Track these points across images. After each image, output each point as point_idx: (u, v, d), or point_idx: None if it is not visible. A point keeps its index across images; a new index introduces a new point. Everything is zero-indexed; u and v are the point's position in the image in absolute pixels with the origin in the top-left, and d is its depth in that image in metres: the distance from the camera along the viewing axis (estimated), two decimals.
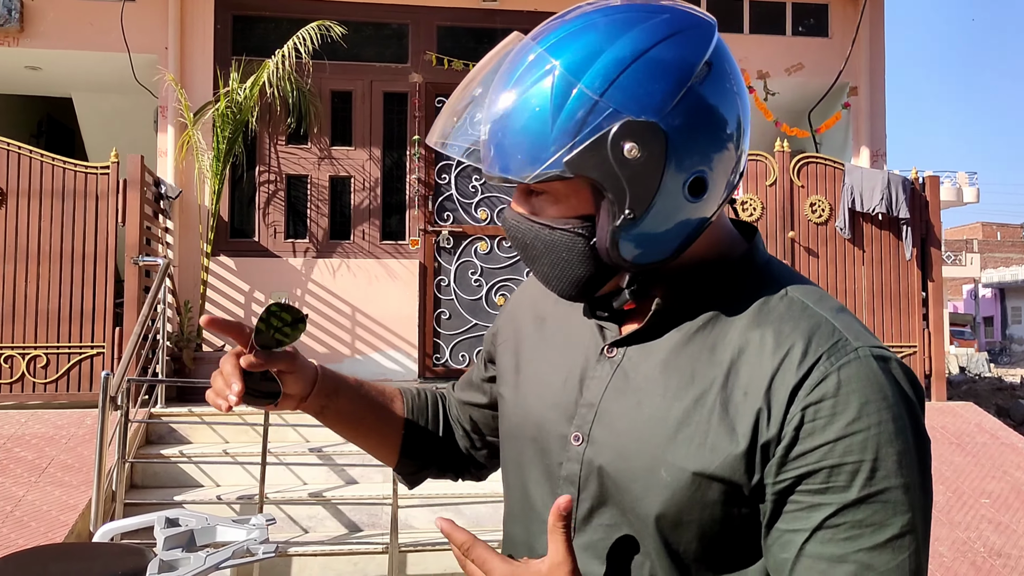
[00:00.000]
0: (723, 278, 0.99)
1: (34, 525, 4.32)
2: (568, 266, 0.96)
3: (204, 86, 7.15)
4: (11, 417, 5.45)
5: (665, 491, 0.91)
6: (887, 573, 0.85)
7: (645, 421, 0.95)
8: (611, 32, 0.89)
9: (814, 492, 0.87)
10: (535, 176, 0.91)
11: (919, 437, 0.89)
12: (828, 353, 0.89)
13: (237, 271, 7.14)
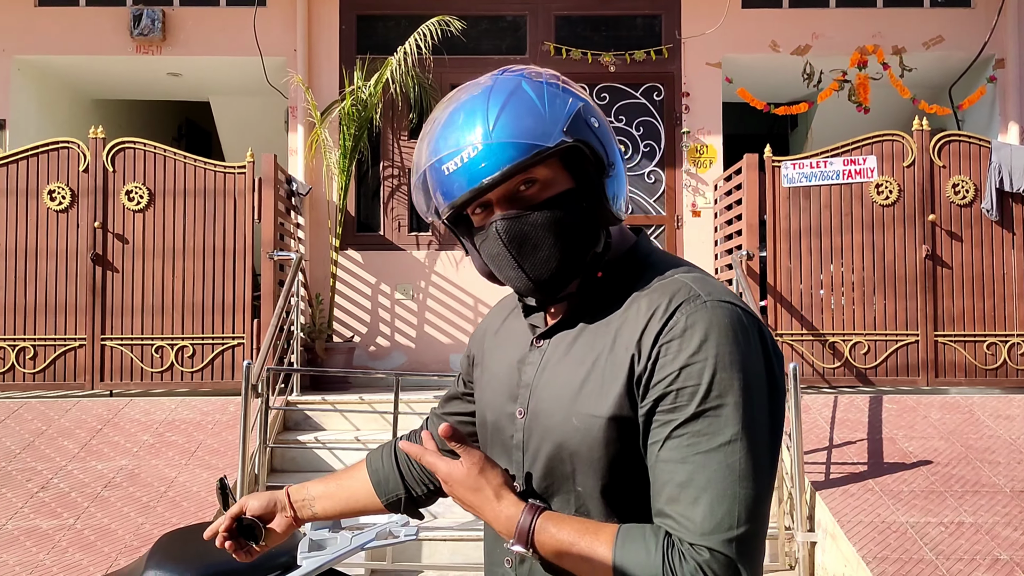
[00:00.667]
0: (618, 272, 1.24)
1: (185, 504, 4.59)
2: (569, 234, 1.19)
3: (330, 85, 7.39)
4: (162, 404, 5.79)
5: (576, 435, 1.16)
6: (718, 470, 1.06)
7: (560, 387, 1.21)
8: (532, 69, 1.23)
9: (665, 411, 1.10)
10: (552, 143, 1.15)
11: (753, 366, 1.10)
12: (683, 304, 1.14)
13: (364, 264, 7.35)
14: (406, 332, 7.31)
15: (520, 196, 1.18)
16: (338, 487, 1.55)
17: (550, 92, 1.19)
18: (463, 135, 1.17)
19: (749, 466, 1.07)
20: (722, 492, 1.06)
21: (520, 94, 1.18)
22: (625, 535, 1.10)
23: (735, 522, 1.05)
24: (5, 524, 4.43)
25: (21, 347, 6.20)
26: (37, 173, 6.30)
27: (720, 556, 1.05)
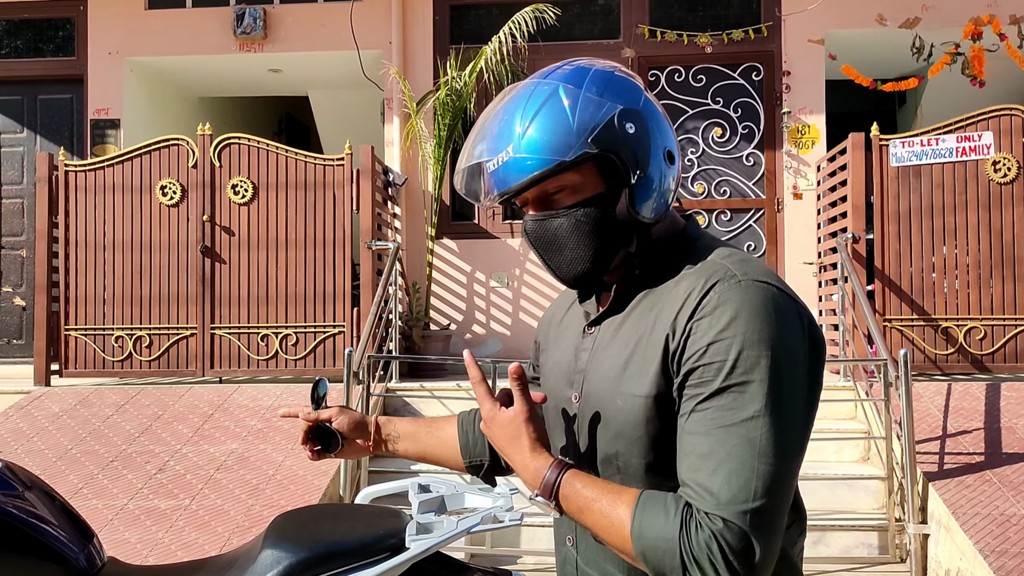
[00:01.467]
0: (666, 255, 1.28)
1: (292, 488, 4.73)
2: (593, 238, 1.25)
3: (425, 76, 7.47)
4: (268, 390, 5.99)
5: (620, 415, 1.21)
6: (739, 444, 1.09)
7: (606, 370, 1.26)
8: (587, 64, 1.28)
9: (693, 385, 1.14)
10: (572, 154, 1.20)
11: (784, 346, 1.12)
12: (717, 284, 1.17)
13: (459, 253, 7.42)
14: (501, 320, 7.36)
15: (550, 199, 1.26)
16: (426, 432, 1.63)
17: (584, 100, 1.23)
18: (499, 139, 1.25)
19: (771, 443, 1.09)
20: (740, 465, 1.09)
21: (553, 104, 1.23)
22: (646, 499, 1.14)
23: (751, 496, 1.08)
24: (127, 504, 4.66)
25: (138, 336, 6.50)
26: (150, 169, 6.58)
27: (734, 527, 1.07)
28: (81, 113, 7.91)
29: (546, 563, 4.60)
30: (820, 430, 5.03)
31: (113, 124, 7.80)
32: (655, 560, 1.11)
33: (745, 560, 1.08)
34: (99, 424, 5.61)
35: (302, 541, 1.89)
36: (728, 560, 1.07)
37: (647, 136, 1.25)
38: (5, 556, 1.78)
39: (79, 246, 6.57)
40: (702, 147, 7.35)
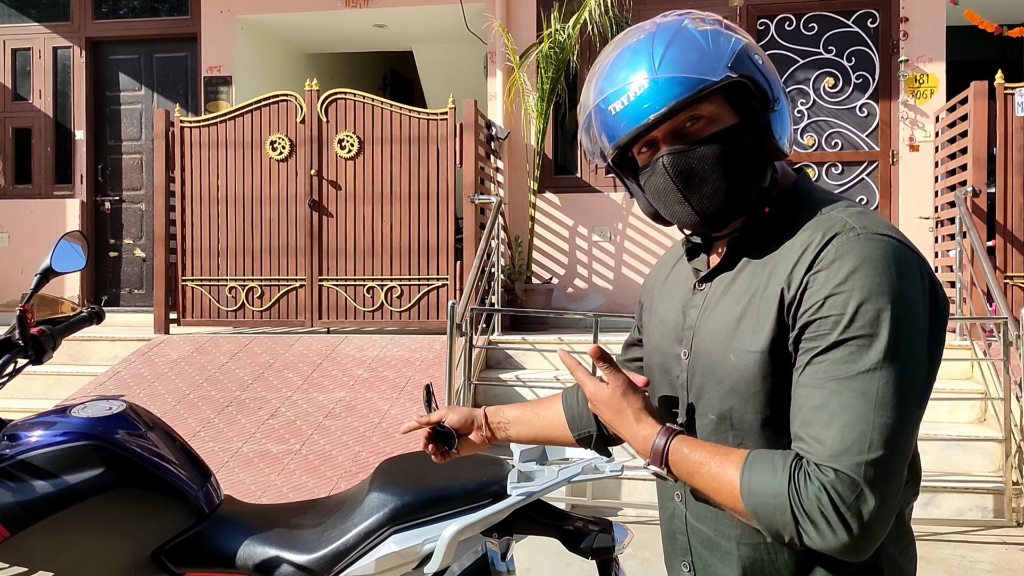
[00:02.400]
0: (778, 210, 1.25)
1: (397, 436, 4.86)
2: (734, 167, 1.21)
3: (528, 29, 7.39)
4: (374, 341, 6.14)
5: (734, 371, 1.19)
6: (853, 396, 1.07)
7: (718, 325, 1.23)
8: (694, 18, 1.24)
9: (809, 339, 1.12)
10: (717, 78, 1.17)
11: (905, 299, 1.09)
12: (835, 237, 1.14)
13: (562, 207, 7.38)
14: (604, 274, 7.31)
15: (686, 132, 1.21)
16: (534, 415, 1.64)
17: (713, 32, 1.21)
18: (629, 74, 1.20)
19: (889, 395, 1.06)
20: (856, 417, 1.06)
21: (684, 33, 1.21)
22: (755, 457, 1.13)
23: (866, 447, 1.05)
24: (241, 447, 4.87)
25: (250, 287, 6.74)
26: (260, 125, 6.75)
27: (845, 477, 1.05)
28: (195, 70, 8.17)
29: (647, 516, 4.60)
30: (935, 389, 4.83)
31: (225, 81, 8.03)
32: (766, 517, 1.10)
33: (859, 513, 1.05)
34: (215, 371, 5.86)
35: (407, 486, 1.93)
36: (840, 512, 1.05)
37: (771, 70, 1.24)
38: (130, 492, 1.89)
39: (194, 200, 6.82)
40: (813, 98, 7.06)
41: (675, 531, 1.35)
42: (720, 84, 1.18)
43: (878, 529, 1.07)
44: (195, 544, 1.91)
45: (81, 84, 8.25)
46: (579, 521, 2.00)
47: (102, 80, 8.35)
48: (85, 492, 1.81)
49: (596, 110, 1.24)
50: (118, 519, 1.86)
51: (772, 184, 1.25)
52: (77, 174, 8.26)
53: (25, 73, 8.38)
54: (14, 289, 7.91)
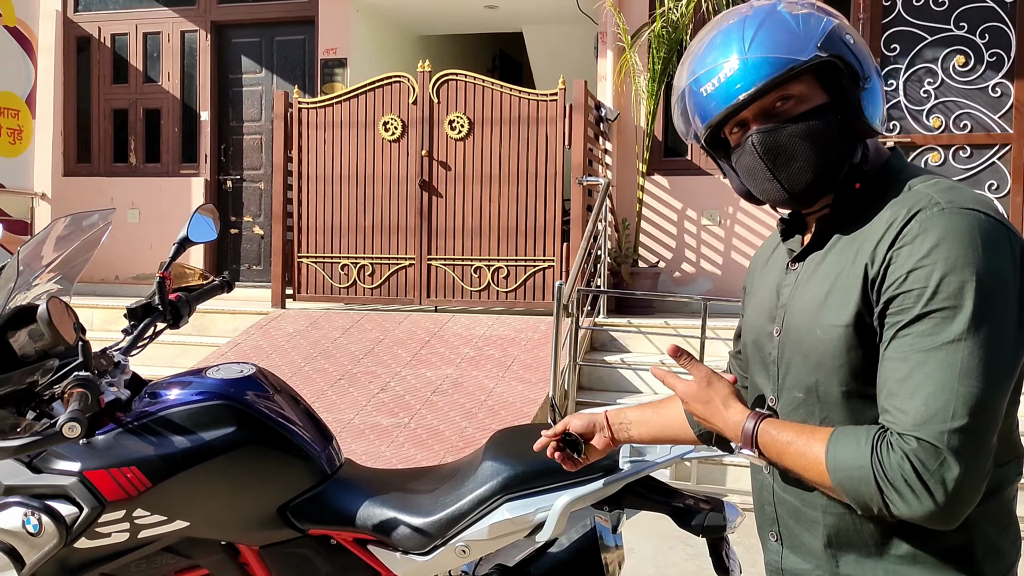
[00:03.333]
0: (870, 188, 1.27)
1: (503, 413, 4.92)
2: (823, 146, 1.24)
3: (640, 9, 7.30)
4: (480, 320, 6.22)
5: (820, 345, 1.22)
6: (938, 367, 1.08)
7: (807, 302, 1.27)
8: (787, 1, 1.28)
9: (894, 313, 1.13)
10: (806, 58, 1.21)
11: (992, 271, 1.09)
12: (920, 212, 1.15)
13: (670, 189, 7.29)
14: (712, 258, 7.19)
15: (776, 111, 1.25)
16: (655, 414, 1.66)
17: (804, 13, 1.25)
18: (720, 56, 1.25)
19: (974, 365, 1.07)
20: (940, 387, 1.08)
21: (775, 15, 1.25)
22: (839, 432, 1.16)
23: (950, 416, 1.06)
24: (352, 419, 5.02)
25: (361, 265, 6.92)
26: (373, 106, 6.90)
27: (928, 445, 1.07)
28: (312, 53, 8.40)
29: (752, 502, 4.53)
30: None
31: (341, 63, 8.23)
32: (853, 490, 1.12)
33: (943, 480, 1.06)
34: (328, 345, 6.05)
35: (520, 456, 1.96)
36: (923, 479, 1.06)
37: (862, 48, 1.27)
38: (259, 450, 1.98)
39: (310, 179, 7.04)
40: (941, 77, 6.73)
41: (763, 502, 1.38)
42: (809, 63, 1.22)
43: (965, 497, 1.07)
44: (318, 502, 2.00)
45: (206, 67, 8.61)
46: (690, 499, 1.99)
47: (225, 63, 8.69)
48: (218, 448, 1.91)
49: (688, 91, 1.30)
50: (247, 475, 1.95)
51: (863, 161, 1.27)
52: (202, 154, 8.63)
53: (155, 57, 8.79)
54: (143, 263, 8.35)
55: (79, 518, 1.83)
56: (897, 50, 6.78)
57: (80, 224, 2.04)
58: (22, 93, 8.56)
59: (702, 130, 1.30)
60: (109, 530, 1.87)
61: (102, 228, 2.02)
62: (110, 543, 1.88)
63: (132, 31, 8.80)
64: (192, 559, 2.00)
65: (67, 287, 1.98)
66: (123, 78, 8.87)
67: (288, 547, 2.01)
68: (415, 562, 1.96)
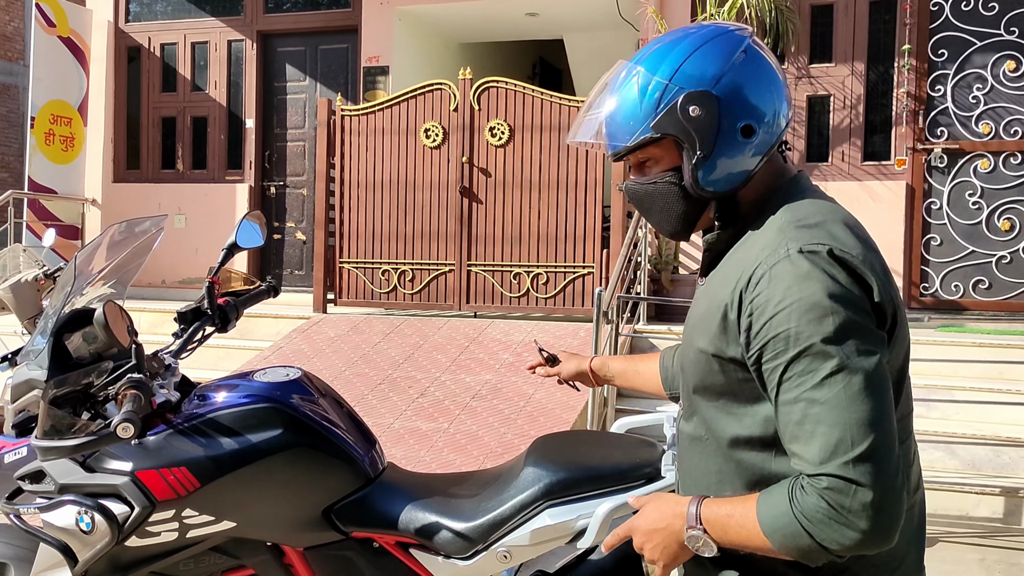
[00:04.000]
0: (759, 214, 1.37)
1: (542, 419, 4.93)
2: (670, 205, 1.41)
3: (682, 14, 7.28)
4: (519, 326, 6.23)
5: (693, 366, 1.38)
6: (827, 402, 1.16)
7: (690, 321, 1.43)
8: (675, 40, 1.41)
9: (770, 359, 1.22)
10: (635, 139, 1.38)
11: (838, 303, 1.19)
12: (767, 259, 1.25)
13: None
14: None
15: (643, 166, 1.44)
16: (634, 372, 1.94)
17: (655, 86, 1.37)
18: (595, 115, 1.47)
19: (856, 391, 1.15)
20: (832, 423, 1.15)
21: (628, 88, 1.40)
22: (763, 495, 1.22)
23: (850, 445, 1.13)
24: (392, 423, 5.06)
25: (402, 270, 6.98)
26: (415, 113, 6.96)
27: (836, 480, 1.13)
28: (355, 61, 8.50)
29: None
30: None
31: (383, 71, 8.32)
32: (793, 546, 1.17)
33: (862, 508, 1.12)
34: (368, 350, 6.11)
35: (561, 462, 1.97)
36: (843, 514, 1.13)
37: (714, 117, 1.35)
38: (304, 453, 2.01)
39: (352, 185, 7.12)
40: (990, 82, 6.61)
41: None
42: (634, 145, 1.40)
43: (890, 513, 1.13)
44: (361, 506, 2.02)
45: (252, 75, 8.75)
46: None
47: (271, 71, 8.83)
48: (265, 451, 1.94)
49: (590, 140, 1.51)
50: (293, 478, 1.98)
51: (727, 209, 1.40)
52: (246, 160, 8.77)
53: (202, 65, 8.96)
54: (189, 268, 8.51)
55: (130, 517, 1.87)
56: (945, 55, 6.68)
57: (133, 230, 2.09)
58: (75, 102, 8.78)
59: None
60: (159, 529, 1.91)
61: (154, 234, 2.07)
62: (159, 542, 1.92)
63: (181, 41, 8.98)
64: (238, 559, 2.03)
65: (120, 291, 2.04)
66: (171, 87, 9.05)
67: (332, 549, 2.03)
68: (457, 566, 1.98)
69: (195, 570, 2.00)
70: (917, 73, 6.69)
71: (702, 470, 1.38)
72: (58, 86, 8.61)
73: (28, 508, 1.98)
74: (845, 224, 1.30)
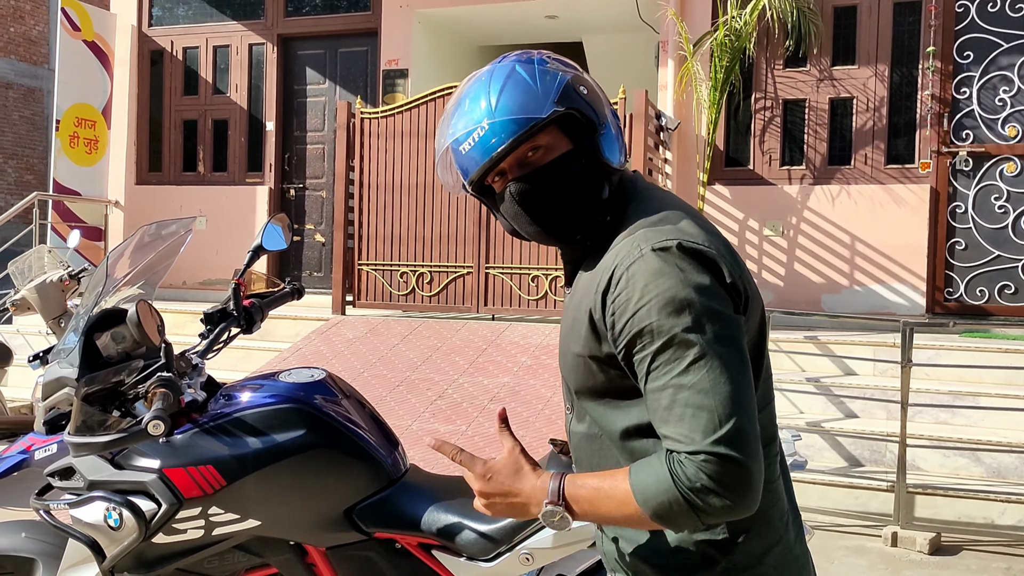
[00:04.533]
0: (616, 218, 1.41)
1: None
2: (573, 187, 1.40)
3: (702, 17, 7.26)
4: (537, 329, 6.23)
5: (572, 369, 1.43)
6: (692, 386, 1.24)
7: (563, 327, 1.47)
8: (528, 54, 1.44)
9: (637, 353, 1.29)
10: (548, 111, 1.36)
11: (693, 293, 1.26)
12: (623, 261, 1.31)
13: (732, 199, 7.22)
14: (774, 270, 7.10)
15: (528, 161, 1.39)
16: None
17: (540, 70, 1.40)
18: (471, 117, 1.39)
19: (717, 374, 1.24)
20: (699, 406, 1.23)
21: (515, 76, 1.39)
22: (636, 466, 1.28)
23: (717, 424, 1.22)
24: (410, 425, 5.07)
25: (420, 272, 7.00)
26: (434, 116, 6.97)
27: (711, 456, 1.21)
28: (374, 64, 8.53)
29: (814, 520, 4.45)
30: None
31: (402, 74, 8.34)
32: (665, 512, 1.24)
33: (737, 480, 1.22)
34: (386, 351, 6.13)
35: None
36: (721, 485, 1.21)
37: (597, 96, 1.42)
38: (327, 453, 2.02)
39: (370, 188, 7.14)
40: (1017, 84, 6.54)
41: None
42: (548, 119, 1.37)
43: (757, 482, 1.23)
44: (384, 506, 2.03)
45: (272, 78, 8.80)
46: None
47: (291, 74, 8.87)
48: (289, 450, 1.96)
49: (450, 148, 1.42)
50: (316, 478, 2.00)
51: (611, 196, 1.42)
52: (266, 163, 8.82)
53: (223, 69, 9.02)
54: (210, 269, 8.56)
55: (158, 514, 1.89)
56: (971, 57, 6.63)
57: (161, 232, 2.11)
58: (99, 105, 8.87)
59: (467, 184, 1.44)
60: (185, 526, 1.92)
61: (182, 236, 2.09)
62: (186, 539, 1.94)
63: (203, 44, 9.04)
64: (262, 557, 2.04)
65: (149, 292, 2.05)
66: (193, 90, 9.12)
67: (354, 549, 2.04)
68: (479, 568, 1.98)
69: (220, 568, 2.02)
70: (942, 75, 6.64)
71: (601, 465, 1.42)
72: (83, 89, 8.69)
73: (58, 504, 2.00)
74: (688, 215, 1.38)
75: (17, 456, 2.27)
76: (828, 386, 5.23)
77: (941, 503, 4.43)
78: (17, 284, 4.44)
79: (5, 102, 13.82)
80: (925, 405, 4.87)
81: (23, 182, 13.98)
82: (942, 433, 4.76)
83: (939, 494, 4.44)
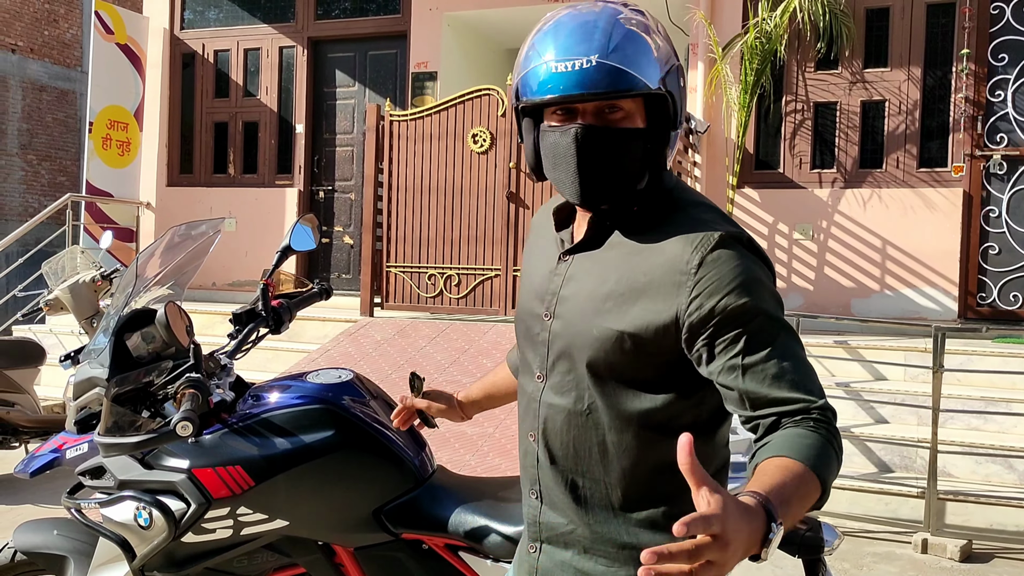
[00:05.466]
0: (653, 207, 1.41)
1: None
2: (630, 162, 1.36)
3: (732, 19, 7.22)
4: None
5: (595, 343, 1.36)
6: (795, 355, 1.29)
7: (583, 301, 1.40)
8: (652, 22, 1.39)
9: (729, 331, 1.29)
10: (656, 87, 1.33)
11: (769, 280, 1.34)
12: (701, 245, 1.31)
13: (761, 203, 7.16)
14: (804, 273, 7.03)
15: (603, 115, 1.35)
16: (492, 386, 1.96)
17: (664, 42, 1.37)
18: (583, 44, 1.32)
19: (798, 346, 1.31)
20: (805, 369, 1.29)
21: (640, 32, 1.34)
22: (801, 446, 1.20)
23: (821, 385, 1.30)
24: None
25: (448, 275, 7.01)
26: (463, 118, 6.99)
27: (830, 408, 1.27)
28: (404, 67, 8.56)
29: (844, 525, 4.40)
30: None
31: (431, 76, 8.37)
32: (832, 480, 1.22)
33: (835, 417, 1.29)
34: (414, 353, 6.14)
35: None
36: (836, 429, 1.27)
37: (684, 96, 1.42)
38: (355, 454, 2.03)
39: (399, 190, 7.16)
40: None
41: (528, 465, 1.51)
42: (651, 92, 1.33)
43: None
44: (411, 507, 2.03)
45: (302, 81, 8.87)
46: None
47: (320, 77, 8.93)
48: (317, 451, 1.96)
49: (542, 60, 1.34)
50: (344, 478, 2.00)
51: (649, 187, 1.40)
52: (296, 165, 8.89)
53: (254, 72, 9.11)
54: (240, 270, 8.64)
55: (187, 513, 1.90)
56: (1006, 60, 6.53)
57: (191, 233, 2.13)
58: (131, 107, 8.98)
59: (535, 99, 1.36)
60: (214, 526, 1.94)
61: (211, 237, 2.10)
62: (214, 539, 1.95)
63: (234, 47, 9.13)
64: (290, 557, 2.06)
65: (179, 293, 2.07)
66: (224, 92, 9.21)
67: (381, 550, 2.05)
68: (506, 570, 1.97)
69: (248, 567, 2.03)
70: (976, 78, 6.55)
71: (584, 443, 1.40)
72: (115, 92, 8.81)
73: (88, 503, 2.03)
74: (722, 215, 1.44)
75: (49, 455, 2.30)
76: (858, 391, 5.16)
77: (972, 510, 4.37)
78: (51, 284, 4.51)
79: (39, 104, 14.04)
80: (957, 411, 4.80)
81: (56, 184, 14.18)
82: (974, 439, 4.69)
83: (970, 501, 4.37)
